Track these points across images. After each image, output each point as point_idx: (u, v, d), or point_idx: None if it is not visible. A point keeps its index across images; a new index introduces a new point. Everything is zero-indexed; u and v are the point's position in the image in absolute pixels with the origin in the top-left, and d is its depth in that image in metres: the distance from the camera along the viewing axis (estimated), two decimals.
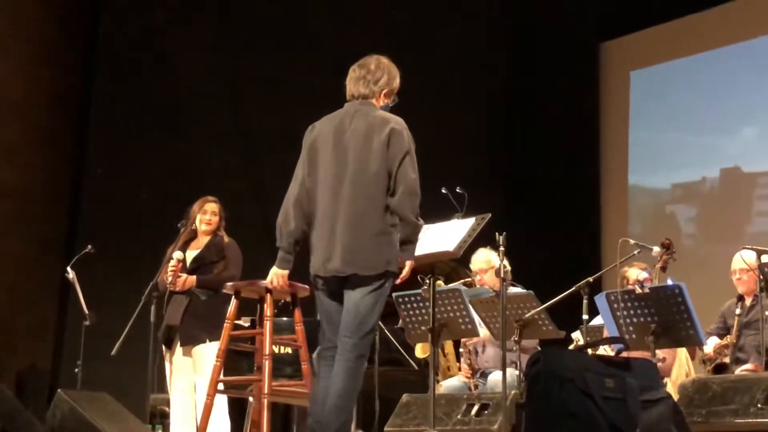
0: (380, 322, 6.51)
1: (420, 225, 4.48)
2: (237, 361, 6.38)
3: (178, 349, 6.10)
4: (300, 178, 4.60)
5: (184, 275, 6.11)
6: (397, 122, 4.50)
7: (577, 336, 6.37)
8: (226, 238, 6.32)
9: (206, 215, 6.31)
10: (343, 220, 4.41)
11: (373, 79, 4.59)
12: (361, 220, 4.39)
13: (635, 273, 6.21)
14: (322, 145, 4.57)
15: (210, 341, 5.93)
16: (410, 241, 4.45)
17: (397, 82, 4.65)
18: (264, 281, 4.85)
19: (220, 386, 5.52)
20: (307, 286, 4.90)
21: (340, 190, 4.44)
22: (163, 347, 6.21)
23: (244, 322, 6.62)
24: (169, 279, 6.06)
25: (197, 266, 6.20)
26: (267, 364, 4.80)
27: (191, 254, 6.25)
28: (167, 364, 6.22)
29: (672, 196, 10.38)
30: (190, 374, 6.06)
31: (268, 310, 4.87)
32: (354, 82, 4.63)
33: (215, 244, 6.27)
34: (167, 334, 6.14)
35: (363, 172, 4.42)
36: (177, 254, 6.12)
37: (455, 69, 10.87)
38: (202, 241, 6.30)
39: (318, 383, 4.49)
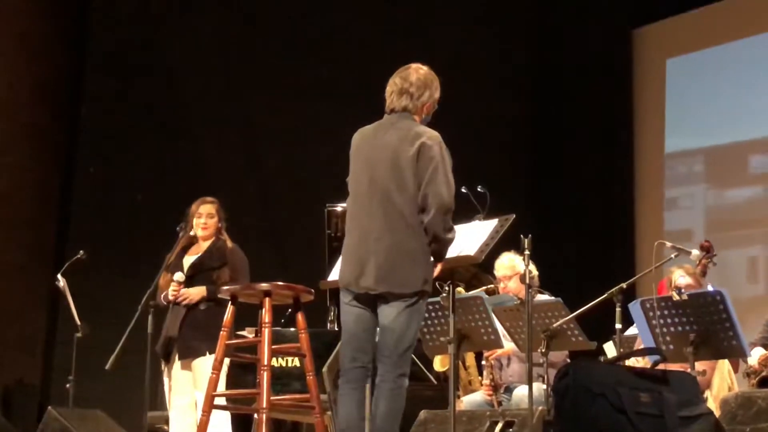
0: None
1: (451, 239, 4.68)
2: (241, 375, 6.39)
3: (177, 363, 6.11)
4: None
5: (186, 291, 6.10)
6: (430, 136, 4.66)
7: (609, 347, 6.36)
8: (229, 243, 6.29)
9: (201, 218, 6.29)
10: (376, 236, 4.61)
11: (417, 93, 4.76)
12: (396, 237, 4.58)
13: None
14: (355, 157, 4.79)
15: (210, 353, 5.82)
16: (439, 256, 4.69)
17: (438, 93, 4.83)
18: (263, 284, 4.87)
19: (223, 401, 5.52)
20: (311, 290, 4.93)
21: (372, 206, 4.64)
22: (162, 361, 6.22)
23: (249, 332, 6.63)
24: (171, 299, 6.09)
25: (194, 273, 6.19)
26: (265, 376, 4.78)
27: (189, 260, 6.25)
28: (166, 380, 6.23)
29: (714, 194, 10.34)
30: (190, 390, 6.06)
31: (266, 315, 4.85)
32: (397, 95, 4.79)
33: (217, 249, 6.26)
34: (166, 346, 6.15)
35: (394, 189, 4.61)
36: (178, 276, 6.10)
37: (477, 59, 10.87)
38: (203, 245, 6.29)
39: (343, 407, 4.62)
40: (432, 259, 4.65)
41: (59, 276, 7.60)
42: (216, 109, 10.09)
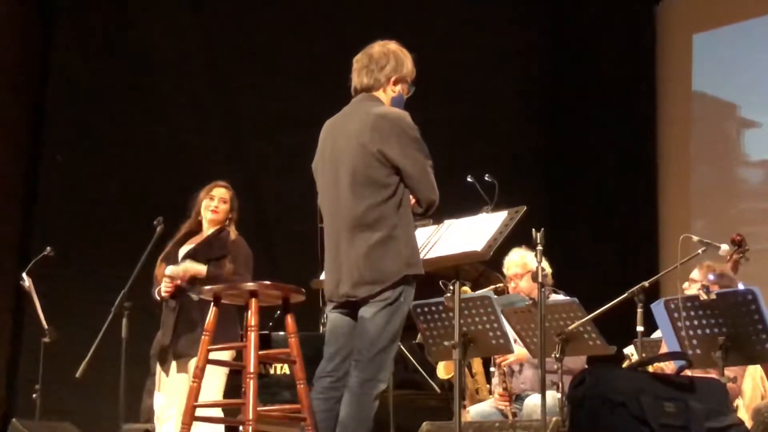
0: None
1: (435, 199, 4.68)
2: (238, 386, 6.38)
3: (173, 367, 6.07)
4: None
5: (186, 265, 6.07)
6: (389, 112, 4.67)
7: (630, 352, 6.38)
8: (233, 234, 6.29)
9: (213, 201, 6.32)
10: (344, 236, 4.66)
11: (377, 66, 4.78)
12: (361, 231, 4.61)
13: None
14: (321, 151, 4.84)
15: None
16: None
17: (407, 68, 4.82)
18: (248, 284, 4.88)
19: (217, 412, 5.52)
20: (302, 290, 4.95)
21: (338, 202, 4.70)
22: (158, 367, 6.15)
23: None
24: (164, 296, 6.06)
25: None
26: (251, 385, 4.80)
27: (187, 249, 6.22)
28: (157, 393, 6.19)
29: (745, 183, 10.35)
30: (182, 400, 6.01)
31: (253, 318, 4.87)
32: (357, 72, 4.83)
33: (219, 239, 6.23)
34: (162, 351, 6.11)
35: (356, 178, 4.64)
36: (170, 270, 6.07)
37: (492, 38, 10.84)
38: (205, 234, 6.28)
39: (317, 417, 4.71)
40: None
41: (24, 275, 7.60)
42: (196, 91, 10.07)
